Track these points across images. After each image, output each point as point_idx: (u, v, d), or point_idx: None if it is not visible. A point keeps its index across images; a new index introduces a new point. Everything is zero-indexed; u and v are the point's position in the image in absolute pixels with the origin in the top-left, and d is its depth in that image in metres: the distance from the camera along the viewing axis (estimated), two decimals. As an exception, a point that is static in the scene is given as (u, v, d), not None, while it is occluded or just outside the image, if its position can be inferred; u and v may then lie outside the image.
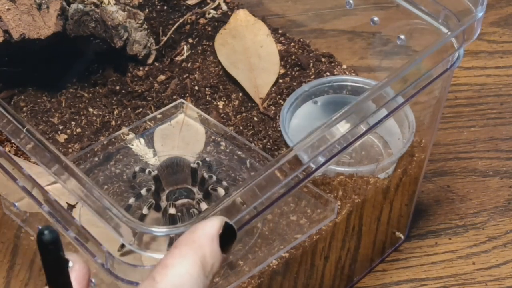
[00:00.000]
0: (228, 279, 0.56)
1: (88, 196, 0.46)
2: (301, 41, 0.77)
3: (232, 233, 0.42)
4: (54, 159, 0.48)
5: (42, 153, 0.49)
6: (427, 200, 0.76)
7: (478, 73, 0.88)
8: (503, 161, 0.80)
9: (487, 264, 0.71)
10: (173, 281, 0.38)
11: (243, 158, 0.65)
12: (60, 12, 0.69)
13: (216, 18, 0.79)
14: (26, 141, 0.50)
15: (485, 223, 0.74)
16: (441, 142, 0.81)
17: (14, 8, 0.67)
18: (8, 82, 0.72)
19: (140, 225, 0.45)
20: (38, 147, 0.49)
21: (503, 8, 0.96)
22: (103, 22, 0.70)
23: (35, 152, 0.49)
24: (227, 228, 0.41)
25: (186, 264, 0.39)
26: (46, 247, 0.34)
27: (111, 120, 0.69)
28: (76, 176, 0.47)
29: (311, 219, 0.60)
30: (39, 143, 0.49)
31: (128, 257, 0.56)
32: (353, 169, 0.63)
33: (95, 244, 0.48)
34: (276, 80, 0.72)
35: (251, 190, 0.46)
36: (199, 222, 0.42)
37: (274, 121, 0.68)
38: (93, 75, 0.73)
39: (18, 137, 0.50)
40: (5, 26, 0.67)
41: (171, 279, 0.38)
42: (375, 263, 0.71)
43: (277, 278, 0.60)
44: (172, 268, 0.39)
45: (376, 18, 0.68)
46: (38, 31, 0.68)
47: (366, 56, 0.79)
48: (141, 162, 0.64)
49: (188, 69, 0.73)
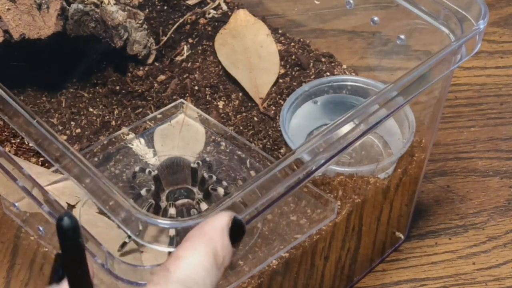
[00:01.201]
0: (228, 279, 0.56)
1: (95, 186, 0.46)
2: (301, 41, 0.77)
3: (241, 228, 0.42)
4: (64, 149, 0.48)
5: (51, 145, 0.49)
6: (427, 200, 0.76)
7: (478, 73, 0.88)
8: (503, 161, 0.80)
9: (487, 264, 0.71)
10: (187, 271, 0.38)
11: (243, 158, 0.65)
12: (60, 12, 0.69)
13: (216, 18, 0.79)
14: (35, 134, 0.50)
15: (485, 223, 0.74)
16: (441, 142, 0.81)
17: (14, 8, 0.67)
18: (8, 82, 0.71)
19: (148, 216, 0.44)
20: (48, 140, 0.49)
21: (503, 8, 0.96)
22: (103, 22, 0.70)
23: (44, 145, 0.49)
24: (236, 222, 0.41)
25: (198, 255, 0.39)
26: (65, 233, 0.34)
27: (111, 120, 0.69)
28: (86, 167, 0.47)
29: (311, 219, 0.60)
30: (50, 135, 0.49)
31: (128, 257, 0.56)
32: (353, 169, 0.63)
33: (95, 244, 0.47)
34: (276, 80, 0.72)
35: (252, 190, 0.46)
36: (209, 217, 0.42)
37: (274, 121, 0.68)
38: (93, 75, 0.73)
39: (26, 130, 0.50)
40: (5, 26, 0.67)
41: (185, 269, 0.38)
42: (375, 263, 0.71)
43: (277, 278, 0.60)
44: (185, 259, 0.39)
45: (376, 18, 0.68)
46: (38, 31, 0.68)
47: (366, 56, 0.79)
48: (141, 162, 0.64)
49: (188, 69, 0.73)
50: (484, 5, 0.58)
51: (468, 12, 0.59)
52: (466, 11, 0.59)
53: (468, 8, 0.59)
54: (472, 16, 0.58)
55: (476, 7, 0.58)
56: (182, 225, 0.43)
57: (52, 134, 0.49)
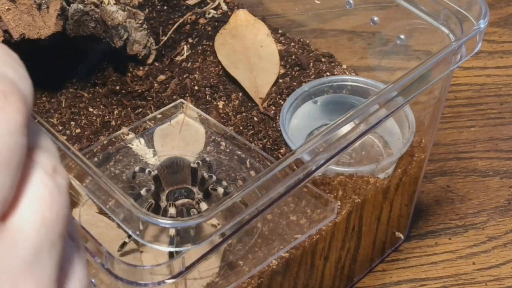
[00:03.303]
0: (228, 279, 0.56)
1: (96, 186, 0.46)
2: (301, 41, 0.77)
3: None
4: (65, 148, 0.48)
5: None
6: (427, 200, 0.76)
7: (478, 73, 0.88)
8: (503, 161, 0.80)
9: (487, 264, 0.71)
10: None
11: (243, 158, 0.65)
12: (60, 12, 0.69)
13: (216, 18, 0.79)
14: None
15: (485, 223, 0.74)
16: (441, 142, 0.81)
17: (14, 8, 0.67)
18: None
19: (149, 216, 0.44)
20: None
21: (503, 8, 0.96)
22: (103, 22, 0.70)
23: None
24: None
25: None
26: None
27: (111, 120, 0.69)
28: (87, 167, 0.47)
29: (311, 219, 0.60)
30: (50, 135, 0.49)
31: (128, 257, 0.56)
32: (353, 169, 0.63)
33: (95, 244, 0.47)
34: (276, 80, 0.72)
35: (252, 191, 0.46)
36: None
37: (274, 121, 0.68)
38: (93, 75, 0.73)
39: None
40: (5, 26, 0.67)
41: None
42: (375, 263, 0.71)
43: (277, 278, 0.60)
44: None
45: (376, 18, 0.68)
46: (38, 31, 0.68)
47: (366, 56, 0.79)
48: (141, 162, 0.64)
49: (188, 69, 0.73)
50: (485, 5, 0.58)
51: (468, 12, 0.59)
52: (467, 11, 0.59)
53: (468, 7, 0.59)
54: (473, 15, 0.58)
55: (477, 7, 0.58)
56: (183, 225, 0.43)
57: (53, 133, 0.49)
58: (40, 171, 0.29)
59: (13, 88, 0.29)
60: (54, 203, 0.29)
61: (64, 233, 0.30)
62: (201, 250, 0.47)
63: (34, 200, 0.29)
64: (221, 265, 0.56)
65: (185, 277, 0.48)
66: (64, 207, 0.30)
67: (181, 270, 0.47)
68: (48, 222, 0.29)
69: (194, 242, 0.45)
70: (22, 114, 0.28)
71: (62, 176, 0.30)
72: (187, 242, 0.45)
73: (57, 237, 0.29)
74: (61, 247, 0.30)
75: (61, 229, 0.29)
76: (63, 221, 0.29)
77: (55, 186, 0.29)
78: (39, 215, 0.29)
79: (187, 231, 0.44)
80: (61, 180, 0.30)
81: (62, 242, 0.30)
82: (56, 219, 0.29)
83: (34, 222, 0.28)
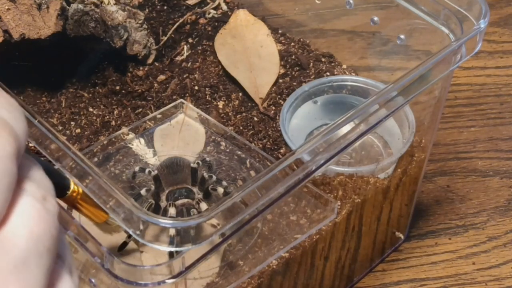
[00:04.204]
0: (228, 279, 0.56)
1: (96, 186, 0.46)
2: (301, 41, 0.77)
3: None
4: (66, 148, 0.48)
5: (53, 144, 0.49)
6: (427, 200, 0.76)
7: (478, 73, 0.88)
8: (503, 161, 0.80)
9: (487, 264, 0.71)
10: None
11: (243, 158, 0.65)
12: (60, 12, 0.69)
13: (216, 18, 0.79)
14: (36, 133, 0.50)
15: (485, 223, 0.74)
16: (441, 142, 0.81)
17: (14, 8, 0.67)
18: (8, 82, 0.71)
19: (150, 215, 0.44)
20: (49, 139, 0.49)
21: (503, 8, 0.96)
22: (103, 22, 0.70)
23: (45, 144, 0.49)
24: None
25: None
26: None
27: (111, 120, 0.69)
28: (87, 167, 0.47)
29: (311, 219, 0.60)
30: (51, 134, 0.49)
31: (128, 257, 0.56)
32: (353, 169, 0.63)
33: (95, 244, 0.47)
34: (276, 80, 0.72)
35: (252, 191, 0.46)
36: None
37: (274, 121, 0.68)
38: (93, 75, 0.72)
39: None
40: (5, 26, 0.67)
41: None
42: (375, 263, 0.71)
43: (277, 278, 0.60)
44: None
45: (376, 18, 0.68)
46: (38, 31, 0.68)
47: (366, 56, 0.79)
48: (141, 162, 0.64)
49: (188, 69, 0.73)
50: (485, 4, 0.58)
51: (468, 12, 0.59)
52: (467, 11, 0.59)
53: (468, 7, 0.59)
54: (473, 15, 0.58)
55: (477, 7, 0.58)
56: (183, 225, 0.43)
57: (53, 133, 0.49)
58: (29, 196, 0.31)
59: (5, 125, 0.30)
60: (41, 221, 0.30)
61: (53, 250, 0.31)
62: (201, 250, 0.47)
63: (22, 217, 0.30)
64: (221, 265, 0.56)
65: (185, 277, 0.48)
66: (52, 227, 0.31)
67: (181, 270, 0.47)
68: (35, 235, 0.30)
69: (194, 242, 0.45)
70: (12, 146, 0.30)
71: (52, 204, 0.31)
72: (187, 242, 0.45)
73: (45, 250, 0.30)
74: (49, 261, 0.31)
75: (49, 244, 0.31)
76: (51, 239, 0.31)
77: (43, 208, 0.31)
78: (27, 229, 0.30)
79: (187, 231, 0.44)
80: (50, 206, 0.31)
81: (50, 256, 0.31)
82: (44, 236, 0.30)
83: (22, 234, 0.30)
